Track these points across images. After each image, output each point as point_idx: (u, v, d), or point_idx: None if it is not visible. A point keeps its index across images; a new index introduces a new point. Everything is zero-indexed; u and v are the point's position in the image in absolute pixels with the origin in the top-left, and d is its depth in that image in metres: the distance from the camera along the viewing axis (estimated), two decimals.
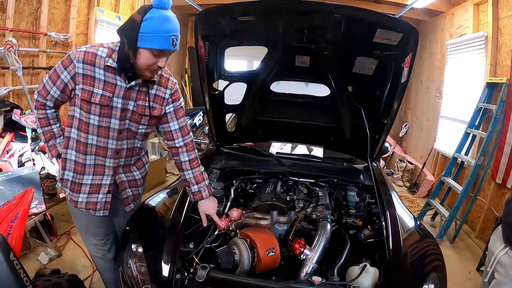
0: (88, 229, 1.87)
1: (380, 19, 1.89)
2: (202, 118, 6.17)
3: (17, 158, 3.13)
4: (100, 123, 1.61)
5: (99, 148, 1.65)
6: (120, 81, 1.57)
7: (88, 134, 1.62)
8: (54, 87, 1.61)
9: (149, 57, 1.47)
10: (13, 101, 3.52)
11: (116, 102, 1.59)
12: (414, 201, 5.09)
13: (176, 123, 1.77)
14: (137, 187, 1.90)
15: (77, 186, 1.71)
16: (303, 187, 2.31)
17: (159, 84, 1.68)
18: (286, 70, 2.46)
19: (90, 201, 1.73)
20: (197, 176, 1.81)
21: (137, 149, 1.81)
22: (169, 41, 1.46)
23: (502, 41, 3.81)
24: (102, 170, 1.71)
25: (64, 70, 1.56)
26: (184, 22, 8.02)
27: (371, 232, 1.87)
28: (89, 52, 1.53)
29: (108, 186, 1.74)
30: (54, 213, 3.42)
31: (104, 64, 1.54)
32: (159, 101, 1.70)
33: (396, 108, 2.18)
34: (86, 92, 1.55)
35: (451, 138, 4.74)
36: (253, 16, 2.04)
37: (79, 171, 1.69)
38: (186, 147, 1.80)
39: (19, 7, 3.56)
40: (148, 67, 1.50)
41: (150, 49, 1.44)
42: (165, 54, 1.51)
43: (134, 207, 1.92)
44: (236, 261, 1.60)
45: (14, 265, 1.60)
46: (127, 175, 1.81)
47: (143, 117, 1.68)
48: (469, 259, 3.44)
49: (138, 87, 1.62)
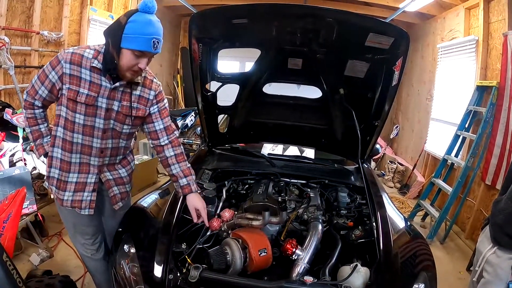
0: (76, 227, 1.90)
1: (372, 23, 1.93)
2: (194, 118, 6.17)
3: (8, 158, 3.10)
4: (85, 122, 1.65)
5: (84, 147, 1.70)
6: (105, 81, 1.63)
7: (74, 133, 1.67)
8: (42, 87, 1.66)
9: (131, 58, 1.53)
10: (5, 100, 3.48)
11: (101, 102, 1.65)
12: (405, 202, 5.15)
13: (161, 122, 1.82)
14: (124, 185, 1.92)
15: (62, 184, 1.75)
16: (295, 188, 2.32)
17: (143, 85, 1.74)
18: (279, 72, 2.48)
19: (75, 199, 1.76)
20: (185, 170, 1.85)
21: (122, 149, 1.85)
22: (150, 43, 1.50)
23: (493, 45, 3.88)
24: (87, 169, 1.75)
25: (52, 70, 1.62)
26: (177, 22, 8.00)
27: (362, 232, 1.89)
28: (76, 53, 1.59)
29: (93, 185, 1.77)
30: (46, 213, 3.39)
31: (90, 65, 1.59)
32: (144, 102, 1.75)
33: (387, 110, 2.22)
34: (72, 91, 1.60)
35: (442, 140, 4.81)
36: (247, 19, 2.06)
37: (64, 169, 1.73)
38: (171, 143, 1.85)
39: (12, 5, 3.53)
40: (129, 67, 1.56)
41: (132, 50, 1.50)
42: (146, 56, 1.56)
43: (122, 205, 1.94)
44: (229, 262, 1.60)
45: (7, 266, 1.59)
46: (112, 173, 1.85)
47: (127, 118, 1.73)
48: (459, 259, 3.50)
49: (123, 88, 1.67)
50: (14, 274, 1.62)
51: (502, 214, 1.70)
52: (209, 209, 2.00)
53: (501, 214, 1.71)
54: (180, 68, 8.22)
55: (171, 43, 7.76)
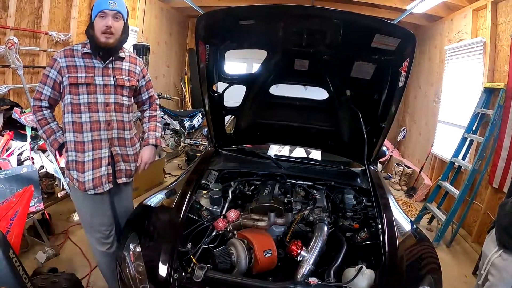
0: (94, 219, 2.04)
1: (379, 24, 1.92)
2: (201, 119, 6.19)
3: (16, 156, 3.13)
4: (89, 100, 1.90)
5: (92, 123, 1.92)
6: (97, 62, 1.92)
7: (81, 113, 1.90)
8: (45, 87, 1.91)
9: (98, 22, 1.83)
10: (13, 100, 3.52)
11: (98, 80, 1.92)
12: (411, 205, 5.11)
13: (147, 93, 2.21)
14: (129, 163, 2.11)
15: (81, 165, 1.93)
16: (301, 190, 2.31)
17: (130, 62, 2.06)
18: (285, 74, 2.49)
19: (95, 176, 1.95)
20: (151, 127, 2.20)
21: (126, 123, 2.06)
22: (107, 3, 1.81)
23: (500, 47, 3.85)
24: (99, 144, 1.95)
25: (50, 69, 1.89)
26: (185, 24, 8.04)
27: (367, 234, 1.88)
28: (67, 48, 1.91)
29: (107, 158, 1.99)
30: (52, 212, 3.43)
31: (81, 53, 1.90)
32: (132, 75, 2.07)
33: (394, 112, 2.20)
34: (73, 77, 1.86)
35: (449, 142, 4.77)
36: (254, 20, 2.08)
37: (79, 149, 1.92)
38: (150, 107, 2.26)
39: (21, 6, 3.58)
40: (100, 30, 1.83)
41: (97, 15, 1.82)
42: (108, 15, 1.83)
43: (126, 182, 2.12)
44: (234, 262, 1.61)
45: (14, 263, 1.61)
46: (121, 148, 2.04)
47: (124, 89, 2.01)
48: (465, 263, 3.46)
49: (112, 64, 1.97)
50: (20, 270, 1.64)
51: (508, 217, 1.69)
52: (215, 210, 2.02)
53: (507, 217, 1.70)
54: (187, 69, 8.26)
55: (178, 44, 7.81)
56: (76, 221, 3.45)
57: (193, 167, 2.42)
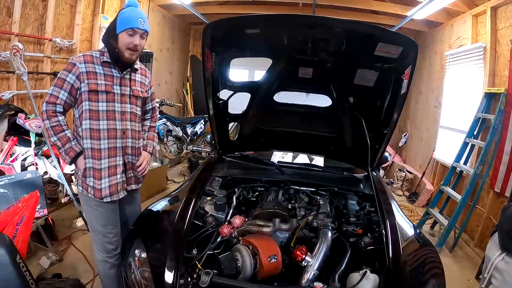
0: (106, 228, 2.06)
1: (381, 33, 1.95)
2: (203, 126, 6.20)
3: (20, 162, 3.15)
4: (108, 108, 1.94)
5: (110, 131, 1.95)
6: (116, 72, 1.96)
7: (100, 120, 1.92)
8: (61, 91, 1.87)
9: (126, 38, 1.87)
10: (17, 105, 3.54)
11: (116, 89, 1.96)
12: (414, 210, 5.11)
13: (150, 104, 2.30)
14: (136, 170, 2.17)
15: (97, 172, 1.96)
16: (304, 196, 2.32)
17: (141, 74, 2.13)
18: (290, 81, 2.51)
19: (111, 183, 2.00)
20: (150, 136, 2.29)
21: (138, 133, 2.14)
22: (137, 21, 1.86)
23: (500, 52, 3.87)
24: (114, 152, 1.99)
25: (68, 73, 1.86)
26: (187, 31, 8.09)
27: (371, 240, 1.89)
28: (87, 54, 1.93)
29: (122, 166, 2.04)
30: (55, 217, 3.44)
31: (100, 61, 1.92)
32: (144, 87, 2.15)
33: (396, 118, 2.22)
34: (93, 84, 1.88)
35: (450, 147, 4.78)
36: (259, 29, 2.10)
37: (96, 156, 1.94)
38: (152, 118, 2.34)
39: (25, 12, 3.61)
40: (126, 46, 1.88)
41: (125, 31, 1.85)
42: (137, 33, 1.88)
43: (135, 188, 2.19)
44: (239, 267, 1.62)
45: (21, 268, 1.62)
46: (132, 157, 2.10)
47: (138, 99, 2.09)
48: (468, 267, 3.46)
49: (129, 75, 2.02)
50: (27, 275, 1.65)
51: (510, 221, 1.70)
52: (220, 216, 2.03)
53: (509, 220, 1.71)
54: (189, 76, 8.29)
55: (180, 51, 7.85)
56: (79, 227, 3.47)
57: (197, 174, 2.44)
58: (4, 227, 2.05)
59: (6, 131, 3.15)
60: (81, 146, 1.94)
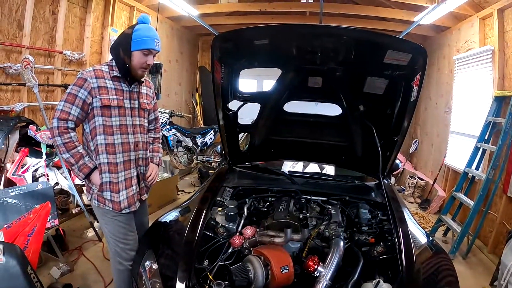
0: (127, 236, 2.07)
1: (390, 41, 1.95)
2: (213, 136, 6.21)
3: (32, 173, 3.18)
4: (121, 122, 1.96)
5: (124, 145, 1.98)
6: (125, 86, 1.99)
7: (114, 135, 1.94)
8: (73, 107, 1.84)
9: (140, 57, 1.91)
10: (29, 117, 3.60)
11: (126, 103, 1.99)
12: (426, 217, 5.04)
13: (153, 114, 2.30)
14: (145, 180, 2.20)
15: (115, 185, 1.98)
16: (316, 205, 2.31)
17: (146, 86, 2.16)
18: (299, 91, 2.51)
19: (129, 195, 2.04)
20: (155, 148, 2.32)
21: (147, 144, 2.19)
22: (154, 43, 1.92)
23: (509, 54, 3.84)
24: (129, 165, 2.03)
25: (80, 89, 1.84)
26: (195, 42, 8.16)
27: (383, 248, 1.87)
28: (97, 69, 1.92)
29: (136, 178, 2.09)
30: (66, 228, 3.47)
31: (110, 76, 1.93)
32: (149, 98, 2.18)
33: (407, 125, 2.20)
34: (105, 99, 1.89)
35: (461, 153, 4.72)
36: (268, 40, 2.11)
37: (113, 170, 1.96)
38: (156, 129, 2.36)
39: (36, 26, 3.69)
40: (140, 65, 1.93)
41: (141, 50, 1.89)
42: (151, 53, 1.94)
43: (146, 197, 2.24)
44: (251, 278, 1.61)
45: (31, 278, 1.63)
46: (143, 168, 2.14)
47: (145, 111, 2.14)
48: (482, 274, 3.39)
49: (137, 88, 2.06)
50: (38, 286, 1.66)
51: None
52: (231, 226, 2.02)
53: None
54: (198, 87, 8.35)
55: (189, 62, 7.92)
56: (90, 237, 3.48)
57: (208, 184, 2.44)
58: (15, 238, 2.08)
59: (17, 142, 3.20)
60: (94, 162, 1.94)
